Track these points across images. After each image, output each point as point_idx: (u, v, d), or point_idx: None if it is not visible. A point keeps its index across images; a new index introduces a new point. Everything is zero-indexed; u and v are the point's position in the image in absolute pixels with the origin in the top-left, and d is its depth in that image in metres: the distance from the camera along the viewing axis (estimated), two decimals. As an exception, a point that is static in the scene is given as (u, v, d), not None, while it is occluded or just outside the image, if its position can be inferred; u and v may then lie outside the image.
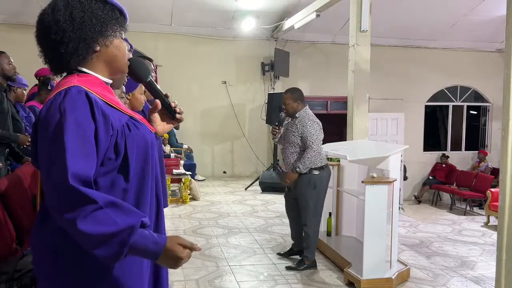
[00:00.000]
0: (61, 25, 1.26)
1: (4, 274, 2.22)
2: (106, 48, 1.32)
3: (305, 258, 4.09)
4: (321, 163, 4.01)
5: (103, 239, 1.12)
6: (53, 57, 1.31)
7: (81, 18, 1.27)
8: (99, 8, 1.30)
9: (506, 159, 3.03)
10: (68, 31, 1.26)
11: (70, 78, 1.28)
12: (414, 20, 9.01)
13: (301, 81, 9.59)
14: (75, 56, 1.29)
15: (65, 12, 1.27)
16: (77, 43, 1.27)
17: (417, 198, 10.39)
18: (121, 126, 1.28)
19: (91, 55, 1.31)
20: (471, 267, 4.70)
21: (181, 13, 8.62)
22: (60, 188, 1.14)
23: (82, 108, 1.20)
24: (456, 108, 11.18)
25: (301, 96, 4.12)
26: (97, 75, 1.34)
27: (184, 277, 3.83)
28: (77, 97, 1.21)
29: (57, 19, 1.26)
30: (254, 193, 7.79)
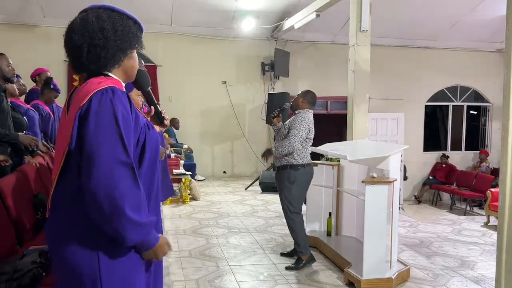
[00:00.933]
0: (106, 33, 1.45)
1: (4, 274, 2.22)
2: (130, 59, 1.55)
3: (301, 254, 4.13)
4: (303, 162, 4.10)
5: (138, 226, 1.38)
6: (91, 60, 1.47)
7: (122, 30, 1.49)
8: (132, 25, 1.54)
9: (506, 159, 3.03)
10: (111, 39, 1.46)
11: (100, 79, 1.46)
12: (414, 20, 9.01)
13: (301, 81, 9.60)
14: (111, 61, 1.49)
15: (109, 22, 1.47)
16: (115, 50, 1.48)
17: (417, 198, 10.39)
18: (144, 125, 1.51)
19: (120, 62, 1.52)
20: (471, 267, 4.70)
21: (181, 13, 8.62)
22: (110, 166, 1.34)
23: (127, 106, 1.43)
24: (456, 108, 11.19)
25: (311, 97, 4.23)
26: (119, 79, 1.55)
27: (184, 277, 3.83)
28: (122, 96, 1.43)
29: (102, 27, 1.45)
30: (254, 193, 7.79)
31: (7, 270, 2.24)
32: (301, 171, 4.09)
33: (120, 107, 1.39)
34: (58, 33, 4.82)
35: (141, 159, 1.49)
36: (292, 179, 4.08)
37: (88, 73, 1.50)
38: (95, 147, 1.33)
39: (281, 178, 4.16)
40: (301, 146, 4.06)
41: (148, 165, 1.51)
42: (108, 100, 1.38)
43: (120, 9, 1.53)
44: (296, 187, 4.10)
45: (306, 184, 4.22)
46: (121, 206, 1.32)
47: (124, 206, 1.32)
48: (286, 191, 4.12)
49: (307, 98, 4.21)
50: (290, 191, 4.10)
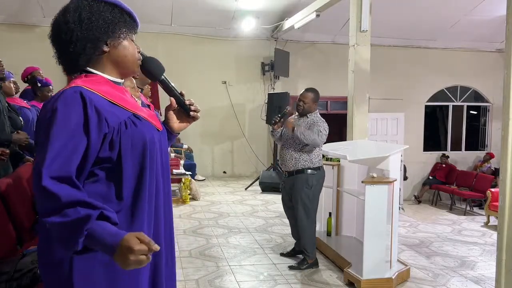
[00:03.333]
0: (70, 26, 1.32)
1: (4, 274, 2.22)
2: (115, 49, 1.38)
3: (307, 257, 4.10)
4: (319, 164, 4.06)
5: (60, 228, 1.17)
6: (64, 58, 1.37)
7: (88, 19, 1.33)
8: (107, 10, 1.36)
9: (506, 159, 3.03)
10: (76, 31, 1.32)
11: (76, 79, 1.35)
12: (414, 20, 9.00)
13: (301, 81, 9.59)
14: (82, 55, 1.34)
15: (74, 13, 1.33)
16: (84, 43, 1.33)
17: (417, 198, 10.38)
18: (118, 124, 1.31)
19: (99, 55, 1.37)
20: (471, 267, 4.70)
21: (181, 13, 8.62)
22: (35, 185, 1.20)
23: (73, 106, 1.25)
24: (456, 108, 11.18)
25: (318, 97, 4.18)
26: (105, 75, 1.39)
27: (184, 277, 3.83)
28: (70, 96, 1.27)
29: (67, 20, 1.33)
30: (254, 193, 7.79)
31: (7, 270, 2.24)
32: (318, 174, 4.03)
33: (61, 111, 1.24)
34: (58, 33, 4.75)
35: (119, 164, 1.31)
36: (311, 183, 3.98)
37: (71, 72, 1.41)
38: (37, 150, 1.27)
39: (296, 183, 4.02)
40: (318, 148, 4.01)
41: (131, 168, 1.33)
42: (49, 107, 1.27)
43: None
44: (314, 191, 4.03)
45: (321, 187, 4.16)
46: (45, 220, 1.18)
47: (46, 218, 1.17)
48: (304, 196, 4.00)
49: (317, 99, 4.14)
50: (308, 195, 4.00)
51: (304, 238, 4.09)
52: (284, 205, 4.36)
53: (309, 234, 4.09)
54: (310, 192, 4.02)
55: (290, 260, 4.27)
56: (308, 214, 4.05)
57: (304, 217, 4.05)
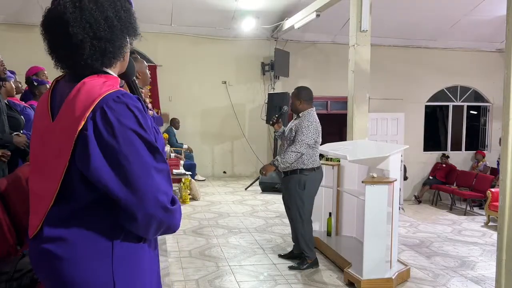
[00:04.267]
0: (109, 22, 1.19)
1: (4, 274, 2.22)
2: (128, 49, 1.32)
3: (307, 257, 4.10)
4: (313, 165, 4.01)
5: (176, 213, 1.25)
6: (95, 56, 1.21)
7: (125, 17, 1.24)
8: (131, 7, 1.28)
9: (506, 159, 3.02)
10: (117, 28, 1.21)
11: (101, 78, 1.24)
12: (414, 20, 9.00)
13: (301, 81, 9.57)
14: (118, 55, 1.26)
15: (110, 8, 1.20)
16: (122, 41, 1.24)
17: (417, 198, 10.38)
18: (153, 127, 1.29)
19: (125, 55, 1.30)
20: (471, 267, 4.70)
21: (181, 13, 8.61)
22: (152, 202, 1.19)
23: (143, 109, 1.21)
24: (456, 108, 11.18)
25: (306, 95, 4.12)
26: (115, 74, 1.31)
27: (184, 277, 3.83)
28: (134, 99, 1.20)
29: (106, 16, 1.19)
30: (254, 193, 7.79)
31: (7, 270, 2.24)
32: (311, 175, 4.00)
33: (139, 113, 1.18)
34: (58, 33, 4.69)
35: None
36: (303, 184, 3.98)
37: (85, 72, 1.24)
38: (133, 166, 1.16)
39: (290, 184, 4.04)
40: (310, 150, 3.97)
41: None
42: (125, 108, 1.16)
43: None
44: (307, 192, 4.01)
45: (316, 188, 4.14)
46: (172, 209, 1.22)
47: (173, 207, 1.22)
48: (297, 197, 4.01)
49: (303, 97, 4.09)
50: (302, 196, 4.00)
51: (301, 239, 4.09)
52: (285, 207, 4.35)
53: (305, 235, 4.08)
54: (303, 193, 4.00)
55: (289, 261, 4.26)
56: (301, 215, 4.04)
57: (298, 218, 4.05)
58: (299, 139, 3.93)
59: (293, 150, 3.92)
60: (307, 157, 3.99)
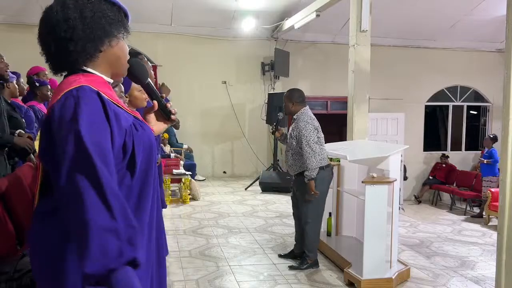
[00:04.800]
0: (71, 23, 1.25)
1: (4, 274, 2.22)
2: (111, 48, 1.33)
3: (307, 257, 4.10)
4: (321, 164, 3.99)
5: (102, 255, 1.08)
6: (60, 55, 1.29)
7: (91, 17, 1.28)
8: (107, 8, 1.32)
9: (506, 159, 3.02)
10: (78, 29, 1.26)
11: (76, 77, 1.28)
12: (414, 20, 9.00)
13: (301, 81, 9.59)
14: (83, 54, 1.29)
15: (75, 10, 1.26)
16: (86, 41, 1.27)
17: (417, 198, 10.38)
18: (129, 126, 1.29)
19: (97, 54, 1.31)
20: (471, 267, 4.70)
21: (181, 13, 8.62)
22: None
23: (97, 110, 1.20)
24: (456, 108, 11.18)
25: (298, 97, 4.11)
26: (101, 74, 1.34)
27: (184, 277, 3.83)
28: (90, 97, 1.21)
29: (67, 17, 1.26)
30: (254, 193, 7.79)
31: (7, 270, 2.24)
32: (320, 174, 3.98)
33: (86, 111, 1.17)
34: (58, 33, 4.68)
35: (132, 165, 1.29)
36: (315, 183, 3.96)
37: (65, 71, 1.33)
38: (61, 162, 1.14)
39: (301, 184, 4.03)
40: (317, 149, 3.94)
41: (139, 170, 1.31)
42: (71, 107, 1.18)
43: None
44: (319, 190, 3.99)
45: (326, 187, 4.13)
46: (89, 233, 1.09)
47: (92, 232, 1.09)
48: (308, 197, 4.00)
49: (295, 99, 4.09)
50: (312, 196, 4.00)
51: (307, 238, 4.08)
52: (293, 205, 4.36)
53: (311, 235, 4.08)
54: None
55: (290, 260, 4.27)
56: (311, 214, 4.04)
57: (309, 218, 4.05)
58: (304, 141, 3.92)
59: (307, 155, 3.89)
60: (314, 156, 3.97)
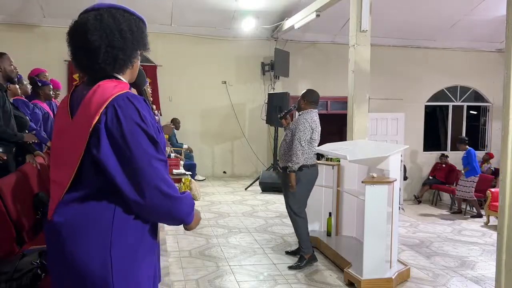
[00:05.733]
0: (124, 34, 1.44)
1: (4, 274, 2.22)
2: (137, 60, 1.55)
3: (303, 253, 4.16)
4: (307, 162, 4.13)
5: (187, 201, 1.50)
6: (108, 61, 1.44)
7: (137, 32, 1.49)
8: (143, 26, 1.54)
9: (506, 159, 3.02)
10: (129, 40, 1.46)
11: (112, 82, 1.45)
12: (414, 20, 9.00)
13: (301, 81, 9.59)
14: (128, 62, 1.49)
15: (125, 23, 1.46)
16: (131, 51, 1.48)
17: (417, 198, 10.38)
18: (156, 128, 1.48)
19: (133, 64, 1.53)
20: (471, 267, 4.70)
21: (181, 13, 8.62)
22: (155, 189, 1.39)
23: (149, 109, 1.43)
24: (456, 108, 11.18)
25: (310, 97, 4.28)
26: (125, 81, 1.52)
27: (184, 277, 3.83)
28: (141, 100, 1.43)
29: (121, 28, 1.44)
30: (254, 193, 7.79)
31: (7, 270, 2.24)
32: (305, 171, 4.11)
33: (143, 111, 1.40)
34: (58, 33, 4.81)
35: None
36: (298, 179, 4.08)
37: (99, 76, 1.46)
38: (134, 155, 1.36)
39: (285, 179, 4.16)
40: (306, 147, 4.07)
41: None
42: (131, 106, 1.39)
43: (131, 10, 1.52)
44: (300, 188, 4.11)
45: (310, 185, 4.23)
46: (172, 195, 1.40)
47: (174, 193, 1.41)
48: (290, 192, 4.13)
49: (308, 98, 4.25)
50: (294, 191, 4.11)
51: (297, 231, 4.21)
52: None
53: (299, 229, 4.18)
54: (297, 186, 4.09)
55: (290, 260, 4.27)
56: (293, 209, 4.16)
57: (291, 212, 4.18)
58: (297, 136, 4.07)
59: (295, 149, 4.05)
60: (302, 154, 4.08)
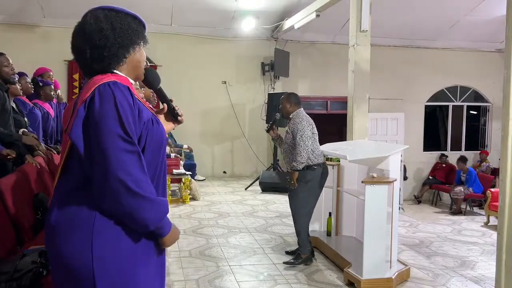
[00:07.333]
0: (104, 33, 1.50)
1: (4, 274, 2.22)
2: (134, 55, 1.58)
3: (300, 251, 4.19)
4: (316, 161, 4.12)
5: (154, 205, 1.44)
6: (95, 60, 1.52)
7: (120, 28, 1.53)
8: (132, 21, 1.58)
9: (506, 159, 3.02)
10: (111, 38, 1.51)
11: (105, 76, 1.49)
12: (414, 20, 9.01)
13: (301, 81, 9.60)
14: (115, 59, 1.53)
15: (107, 22, 1.52)
16: (117, 48, 1.53)
17: (417, 198, 10.38)
18: (147, 120, 1.51)
19: (124, 59, 1.56)
20: (471, 267, 4.70)
21: (181, 13, 8.62)
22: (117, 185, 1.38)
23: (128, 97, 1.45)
24: (456, 108, 11.18)
25: (295, 99, 4.33)
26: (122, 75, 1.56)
27: (184, 277, 3.83)
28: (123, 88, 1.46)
29: (101, 28, 1.50)
30: (254, 193, 7.79)
31: (7, 270, 2.24)
32: (317, 171, 4.12)
33: (121, 97, 1.42)
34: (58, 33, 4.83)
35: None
36: (307, 179, 4.08)
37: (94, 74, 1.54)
38: (102, 139, 1.38)
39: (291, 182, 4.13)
40: (310, 144, 4.07)
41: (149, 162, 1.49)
42: (109, 92, 1.42)
43: (118, 7, 1.57)
44: (310, 187, 4.11)
45: (321, 184, 4.24)
46: (136, 191, 1.38)
47: (139, 190, 1.39)
48: (299, 191, 4.11)
49: (293, 100, 4.31)
50: (303, 190, 4.10)
51: (297, 230, 4.20)
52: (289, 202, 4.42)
53: (302, 232, 4.18)
54: (305, 187, 4.10)
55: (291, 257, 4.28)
56: (303, 211, 4.15)
57: (298, 210, 4.17)
58: (298, 135, 4.06)
59: (300, 149, 4.03)
60: (311, 153, 4.08)
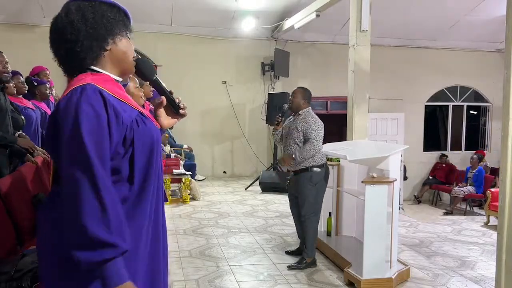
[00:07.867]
0: (75, 25, 1.36)
1: (4, 274, 2.22)
2: (116, 46, 1.43)
3: (305, 255, 4.14)
4: (321, 162, 4.12)
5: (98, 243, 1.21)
6: (69, 57, 1.39)
7: (93, 18, 1.38)
8: (107, 10, 1.41)
9: (506, 159, 3.02)
10: (82, 30, 1.36)
11: (84, 75, 1.37)
12: (414, 20, 9.01)
13: (301, 81, 9.58)
14: (89, 53, 1.39)
15: (78, 14, 1.37)
16: (90, 41, 1.37)
17: (417, 198, 10.38)
18: (131, 121, 1.37)
19: (102, 53, 1.41)
20: (471, 267, 4.70)
21: (181, 13, 8.61)
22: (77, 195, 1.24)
23: (97, 105, 1.29)
24: (456, 108, 11.18)
25: (309, 96, 4.26)
26: (108, 73, 1.43)
27: (184, 277, 3.83)
28: (92, 95, 1.30)
29: (71, 20, 1.36)
30: (254, 193, 7.79)
31: (7, 270, 2.24)
32: (322, 171, 4.11)
33: (86, 110, 1.26)
34: (58, 33, 4.70)
35: (131, 159, 1.37)
36: (315, 181, 4.07)
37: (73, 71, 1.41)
38: (62, 154, 1.27)
39: (301, 181, 4.11)
40: (319, 146, 4.07)
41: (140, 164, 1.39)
42: (73, 104, 1.27)
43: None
44: (318, 188, 4.11)
45: (326, 184, 4.23)
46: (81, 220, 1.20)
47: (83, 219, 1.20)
48: (308, 193, 4.08)
49: (307, 97, 4.23)
50: (312, 193, 4.08)
51: (307, 234, 4.14)
52: (290, 203, 4.42)
53: (312, 234, 4.14)
54: (314, 189, 4.09)
55: (291, 260, 4.27)
56: (312, 212, 4.11)
57: (308, 214, 4.10)
58: (313, 135, 4.02)
59: (311, 148, 4.00)
60: (318, 154, 4.07)
